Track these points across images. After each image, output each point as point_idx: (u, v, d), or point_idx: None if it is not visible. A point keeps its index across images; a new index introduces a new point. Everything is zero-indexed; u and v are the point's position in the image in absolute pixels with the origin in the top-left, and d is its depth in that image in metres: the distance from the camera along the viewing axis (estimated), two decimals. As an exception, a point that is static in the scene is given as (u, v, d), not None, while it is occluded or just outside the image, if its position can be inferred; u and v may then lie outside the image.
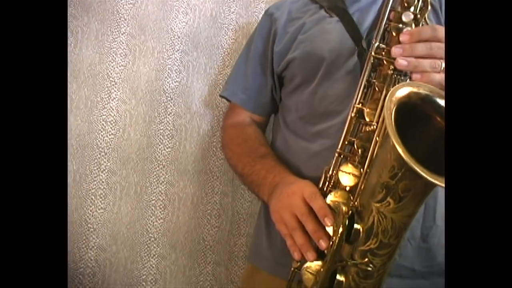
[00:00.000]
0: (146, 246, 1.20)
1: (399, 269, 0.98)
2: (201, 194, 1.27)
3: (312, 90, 1.09)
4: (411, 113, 0.87)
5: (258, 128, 1.21)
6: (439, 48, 0.89)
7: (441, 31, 0.90)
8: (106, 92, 1.20)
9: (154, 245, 1.20)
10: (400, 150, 0.79)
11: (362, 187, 0.90)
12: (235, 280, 1.26)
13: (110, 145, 1.20)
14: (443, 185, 0.79)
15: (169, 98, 1.26)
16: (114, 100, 1.21)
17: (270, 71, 1.19)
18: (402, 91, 0.87)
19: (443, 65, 0.89)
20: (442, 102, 0.87)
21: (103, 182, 1.19)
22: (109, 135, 1.20)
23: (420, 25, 0.96)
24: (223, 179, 1.28)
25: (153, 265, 1.19)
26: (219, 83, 1.32)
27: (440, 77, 0.90)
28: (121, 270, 1.19)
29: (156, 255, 1.20)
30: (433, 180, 0.77)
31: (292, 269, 0.96)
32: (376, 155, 0.90)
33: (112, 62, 1.21)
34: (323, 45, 1.09)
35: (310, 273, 0.92)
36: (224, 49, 1.34)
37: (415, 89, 0.88)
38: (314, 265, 0.91)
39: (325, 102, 1.08)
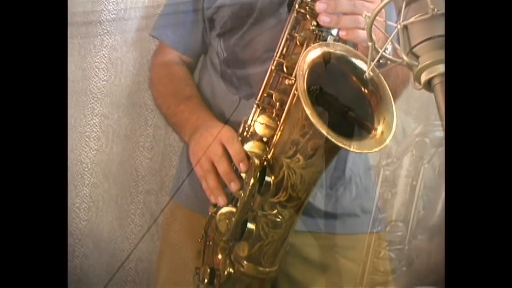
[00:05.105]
0: (80, 175, 1.26)
1: (312, 211, 1.02)
2: (134, 126, 1.30)
3: (240, 36, 1.10)
4: (326, 73, 0.89)
5: (186, 67, 1.20)
6: (363, 5, 0.90)
7: None
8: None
9: (88, 174, 1.26)
10: (308, 111, 0.82)
11: (276, 141, 0.92)
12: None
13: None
14: (349, 148, 0.84)
15: (105, 31, 1.26)
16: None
17: (201, 14, 1.17)
18: (316, 51, 0.89)
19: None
20: (357, 62, 0.90)
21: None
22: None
23: None
24: (157, 112, 1.30)
25: (87, 194, 1.26)
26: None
27: (365, 33, 0.89)
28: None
29: (90, 184, 1.26)
30: (337, 143, 0.81)
31: (209, 214, 0.99)
32: (289, 112, 0.92)
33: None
34: None
35: (224, 219, 0.95)
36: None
37: (330, 49, 0.89)
38: (227, 211, 0.94)
39: (251, 48, 1.09)
